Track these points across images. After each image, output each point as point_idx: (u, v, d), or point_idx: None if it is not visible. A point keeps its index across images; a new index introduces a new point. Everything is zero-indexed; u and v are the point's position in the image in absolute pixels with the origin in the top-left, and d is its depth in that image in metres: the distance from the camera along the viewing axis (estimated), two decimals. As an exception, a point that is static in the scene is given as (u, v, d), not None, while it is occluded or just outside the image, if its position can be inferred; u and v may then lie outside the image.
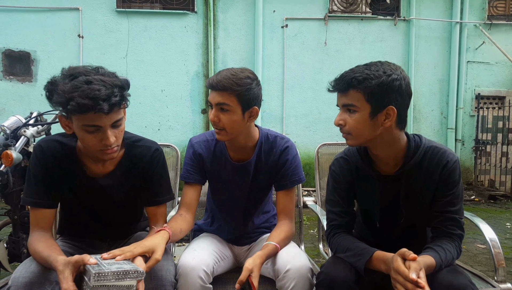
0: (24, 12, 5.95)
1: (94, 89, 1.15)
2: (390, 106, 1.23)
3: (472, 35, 6.49)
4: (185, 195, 1.61)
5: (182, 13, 6.14)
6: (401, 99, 1.25)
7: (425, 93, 6.44)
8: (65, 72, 1.22)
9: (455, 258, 1.30)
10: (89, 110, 1.16)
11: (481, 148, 6.52)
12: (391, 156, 1.34)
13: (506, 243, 3.86)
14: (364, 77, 1.22)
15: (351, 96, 1.25)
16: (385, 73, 1.22)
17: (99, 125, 1.21)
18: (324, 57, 6.32)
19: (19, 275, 1.22)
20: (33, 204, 1.35)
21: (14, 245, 2.25)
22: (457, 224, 1.32)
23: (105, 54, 6.03)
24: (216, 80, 1.44)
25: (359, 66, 1.27)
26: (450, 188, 1.33)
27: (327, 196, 1.53)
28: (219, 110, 1.46)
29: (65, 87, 1.16)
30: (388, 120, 1.25)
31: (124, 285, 1.08)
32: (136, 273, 1.10)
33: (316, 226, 2.52)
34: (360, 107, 1.24)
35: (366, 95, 1.23)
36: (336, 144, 2.19)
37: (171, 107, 6.19)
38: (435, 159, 1.33)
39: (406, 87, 1.25)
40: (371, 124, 1.25)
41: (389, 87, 1.21)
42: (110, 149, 1.27)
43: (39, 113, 2.36)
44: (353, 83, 1.23)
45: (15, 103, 5.97)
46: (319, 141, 2.30)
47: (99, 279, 1.06)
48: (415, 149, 1.33)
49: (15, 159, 2.04)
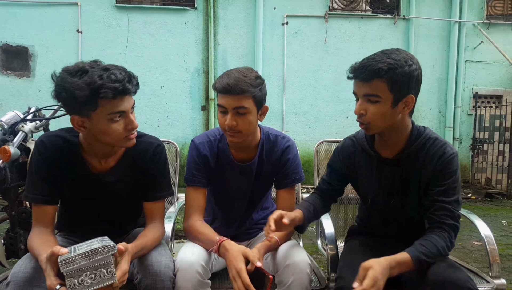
0: (22, 7, 5.92)
1: (116, 74, 1.20)
2: (410, 94, 1.27)
3: (471, 34, 6.51)
4: (194, 199, 1.58)
5: (182, 9, 6.13)
6: (418, 87, 1.29)
7: (424, 91, 6.41)
8: (69, 71, 1.21)
9: (445, 248, 1.27)
10: (120, 93, 1.21)
11: (478, 146, 6.55)
12: (395, 141, 1.38)
13: (502, 240, 3.89)
14: (389, 67, 1.22)
15: (375, 85, 1.25)
16: (406, 62, 1.24)
17: (123, 110, 1.25)
18: (324, 55, 6.32)
19: (19, 270, 1.22)
20: (34, 200, 1.35)
21: (11, 241, 2.25)
22: (449, 214, 1.31)
23: (104, 50, 6.02)
24: (232, 84, 1.38)
25: (379, 54, 1.27)
26: (445, 179, 1.33)
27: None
28: (236, 114, 1.42)
29: (86, 81, 1.17)
30: (407, 107, 1.29)
31: (100, 263, 1.08)
32: (107, 248, 1.10)
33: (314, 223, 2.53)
34: (383, 97, 1.26)
35: (390, 85, 1.24)
36: (335, 141, 2.19)
37: (170, 104, 6.19)
38: (433, 149, 1.35)
39: (421, 76, 1.30)
40: (392, 112, 1.28)
41: (411, 76, 1.25)
42: (133, 134, 1.32)
43: (37, 108, 2.35)
44: (379, 73, 1.23)
45: (12, 98, 5.95)
46: (318, 139, 2.30)
47: (67, 265, 1.06)
48: (417, 137, 1.37)
49: (12, 155, 2.04)
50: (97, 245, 1.10)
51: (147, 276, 1.29)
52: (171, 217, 1.76)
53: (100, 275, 1.09)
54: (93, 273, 1.08)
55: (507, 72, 6.57)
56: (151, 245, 1.38)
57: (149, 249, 1.37)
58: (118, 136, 1.28)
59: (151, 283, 1.28)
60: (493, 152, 6.48)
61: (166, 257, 1.37)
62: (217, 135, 1.62)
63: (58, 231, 1.60)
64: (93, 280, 1.08)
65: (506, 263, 3.24)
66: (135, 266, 1.33)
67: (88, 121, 1.25)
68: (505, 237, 4.02)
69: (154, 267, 1.31)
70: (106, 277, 1.09)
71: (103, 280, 1.09)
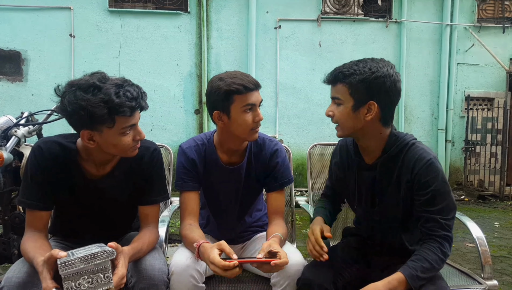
0: (15, 11, 5.89)
1: (131, 91, 1.24)
2: (371, 101, 1.30)
3: (462, 37, 6.58)
4: (186, 204, 1.58)
5: (175, 13, 6.13)
6: (384, 95, 1.31)
7: (416, 94, 6.51)
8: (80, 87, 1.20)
9: (437, 261, 1.27)
10: (135, 109, 1.26)
11: (470, 148, 6.60)
12: (372, 148, 1.41)
13: (494, 241, 3.93)
14: (351, 72, 1.30)
15: (338, 89, 1.35)
16: (370, 70, 1.28)
17: (134, 123, 1.30)
18: (316, 58, 6.36)
19: (13, 275, 1.22)
20: (29, 205, 1.35)
21: (4, 246, 2.23)
22: (438, 225, 1.29)
23: (97, 54, 6.00)
24: (250, 80, 1.46)
25: (352, 62, 1.35)
26: (427, 186, 1.30)
27: None
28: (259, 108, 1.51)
29: (103, 99, 1.19)
30: (369, 114, 1.32)
31: (98, 268, 1.09)
32: (106, 253, 1.11)
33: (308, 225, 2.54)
34: (344, 100, 1.33)
35: (350, 89, 1.31)
36: (328, 144, 2.20)
37: (164, 108, 6.18)
38: (410, 155, 1.35)
39: (391, 85, 1.30)
40: (354, 116, 1.33)
41: (371, 83, 1.28)
42: (138, 144, 1.37)
43: (30, 113, 2.34)
44: (339, 77, 1.33)
45: (5, 103, 5.91)
46: (311, 142, 2.32)
47: (66, 268, 1.07)
48: (394, 142, 1.38)
49: (6, 160, 2.03)
50: (96, 250, 1.11)
51: (141, 280, 1.29)
52: (165, 221, 1.76)
53: (97, 280, 1.09)
54: (91, 277, 1.09)
55: (499, 75, 6.64)
56: (147, 248, 1.39)
57: (145, 253, 1.37)
58: (126, 147, 1.31)
59: (145, 287, 1.29)
60: (485, 154, 6.54)
61: (160, 261, 1.37)
62: (204, 139, 1.63)
63: (51, 236, 1.60)
64: (90, 285, 1.09)
65: (498, 264, 3.26)
66: (129, 270, 1.33)
67: (99, 135, 1.26)
68: (497, 239, 4.05)
69: (148, 271, 1.31)
70: (103, 282, 1.10)
71: (100, 285, 1.10)
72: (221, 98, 1.44)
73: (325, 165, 2.18)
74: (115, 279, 1.14)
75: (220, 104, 1.46)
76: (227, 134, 1.54)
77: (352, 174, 1.50)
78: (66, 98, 1.21)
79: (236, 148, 1.58)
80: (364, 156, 1.45)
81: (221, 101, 1.45)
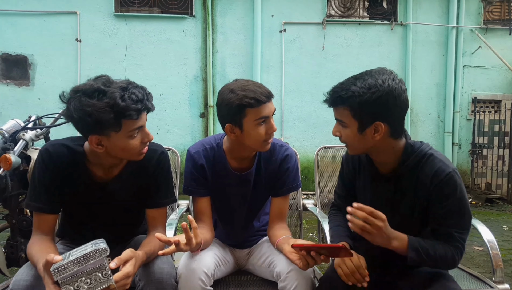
0: (22, 16, 5.95)
1: (136, 93, 1.22)
2: (377, 122, 1.23)
3: (468, 39, 6.54)
4: (197, 208, 1.59)
5: (181, 17, 6.16)
6: (390, 112, 1.24)
7: (423, 97, 6.48)
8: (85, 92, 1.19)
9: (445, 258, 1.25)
10: (142, 111, 1.24)
11: (477, 151, 6.55)
12: (387, 161, 1.35)
13: (503, 245, 3.88)
14: (349, 95, 1.22)
15: (339, 112, 1.29)
16: (370, 89, 1.20)
17: (141, 125, 1.28)
18: (322, 61, 6.35)
19: (20, 278, 1.22)
20: (37, 209, 1.35)
21: (12, 250, 2.24)
22: (453, 239, 1.27)
23: (103, 58, 6.04)
24: (263, 92, 1.40)
25: (349, 79, 1.26)
26: (444, 200, 1.27)
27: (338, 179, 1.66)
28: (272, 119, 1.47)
29: (109, 103, 1.17)
30: (377, 134, 1.25)
31: (94, 267, 1.08)
32: (99, 251, 1.09)
33: (315, 229, 2.52)
34: (348, 123, 1.27)
35: (352, 112, 1.24)
36: (335, 147, 2.19)
37: (169, 111, 6.20)
38: (428, 166, 1.29)
39: (395, 101, 1.22)
40: (361, 138, 1.27)
41: (373, 104, 1.21)
42: (146, 147, 1.36)
43: (38, 116, 2.35)
44: (340, 101, 1.25)
45: (12, 107, 5.95)
46: (317, 145, 2.31)
47: (59, 273, 1.06)
48: (411, 153, 1.32)
49: (13, 163, 2.04)
50: (89, 250, 1.10)
51: (150, 283, 1.28)
52: (172, 224, 1.75)
53: (96, 279, 1.09)
54: (88, 277, 1.08)
55: (505, 77, 6.60)
56: (157, 252, 1.38)
57: (155, 256, 1.37)
58: (134, 150, 1.31)
59: (152, 290, 1.28)
60: (492, 157, 6.49)
61: (168, 264, 1.37)
62: (213, 143, 1.60)
63: (59, 239, 1.60)
64: (89, 285, 1.08)
65: (508, 268, 3.22)
66: (137, 273, 1.33)
67: (107, 139, 1.25)
68: (506, 242, 4.01)
69: (156, 275, 1.30)
70: (102, 280, 1.09)
71: (99, 283, 1.09)
72: (233, 112, 1.39)
73: (332, 168, 2.18)
74: (118, 275, 1.13)
75: (232, 118, 1.42)
76: (238, 144, 1.51)
77: (366, 185, 1.45)
78: (71, 104, 1.20)
79: (247, 155, 1.57)
80: (378, 167, 1.40)
81: (233, 115, 1.41)
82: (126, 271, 1.16)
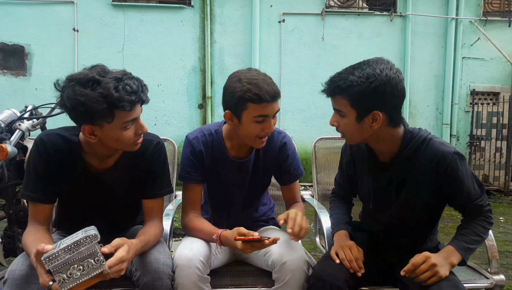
0: (19, 5, 5.89)
1: (130, 85, 1.20)
2: (374, 111, 1.25)
3: (468, 31, 6.51)
4: (190, 196, 1.58)
5: (179, 7, 6.11)
6: (388, 101, 1.25)
7: (421, 88, 6.46)
8: (79, 81, 1.18)
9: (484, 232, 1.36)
10: (136, 103, 1.22)
11: (475, 143, 6.56)
12: (387, 149, 1.37)
13: (500, 236, 3.91)
14: (348, 85, 1.24)
15: (337, 101, 1.30)
16: (368, 79, 1.22)
17: (135, 117, 1.27)
18: (321, 52, 6.32)
19: (16, 267, 1.22)
20: (32, 199, 1.34)
21: (9, 240, 2.24)
22: (480, 208, 1.36)
23: (101, 48, 5.99)
24: (269, 91, 1.37)
25: (347, 69, 1.28)
26: (459, 182, 1.31)
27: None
28: (273, 118, 1.48)
29: (102, 94, 1.16)
30: (375, 123, 1.28)
31: (86, 254, 1.08)
32: (89, 238, 1.09)
33: (312, 220, 2.53)
34: (346, 112, 1.29)
35: (350, 101, 1.26)
36: (333, 138, 2.19)
37: (167, 102, 6.17)
38: (429, 152, 1.32)
39: (393, 90, 1.23)
40: (359, 127, 1.30)
41: (371, 93, 1.22)
42: (141, 138, 1.34)
43: (34, 106, 2.33)
44: (338, 91, 1.27)
45: (9, 97, 5.92)
46: (315, 136, 2.30)
47: (51, 262, 1.06)
48: (410, 140, 1.34)
49: (10, 153, 2.03)
50: (79, 237, 1.09)
51: (146, 273, 1.28)
52: (169, 214, 1.75)
53: (88, 266, 1.08)
54: (81, 264, 1.08)
55: (504, 69, 6.58)
56: (153, 242, 1.38)
57: (151, 246, 1.37)
58: (128, 141, 1.30)
59: (150, 281, 1.28)
60: (490, 149, 6.50)
61: (164, 254, 1.37)
62: (212, 130, 1.59)
63: (56, 229, 1.60)
64: (82, 272, 1.08)
65: (504, 259, 3.25)
66: (134, 264, 1.33)
67: (100, 129, 1.24)
68: (502, 234, 4.04)
69: (152, 265, 1.30)
70: (95, 266, 1.09)
71: (92, 269, 1.08)
72: (235, 101, 1.39)
73: (330, 159, 2.17)
74: (111, 261, 1.12)
75: (233, 107, 1.41)
76: (235, 132, 1.52)
77: (366, 174, 1.46)
78: (65, 93, 1.19)
79: (245, 143, 1.56)
80: (378, 155, 1.42)
81: (234, 104, 1.40)
82: (119, 255, 1.15)
